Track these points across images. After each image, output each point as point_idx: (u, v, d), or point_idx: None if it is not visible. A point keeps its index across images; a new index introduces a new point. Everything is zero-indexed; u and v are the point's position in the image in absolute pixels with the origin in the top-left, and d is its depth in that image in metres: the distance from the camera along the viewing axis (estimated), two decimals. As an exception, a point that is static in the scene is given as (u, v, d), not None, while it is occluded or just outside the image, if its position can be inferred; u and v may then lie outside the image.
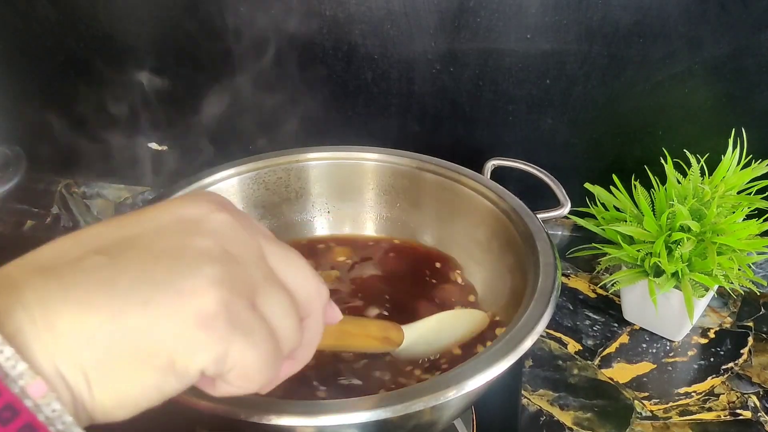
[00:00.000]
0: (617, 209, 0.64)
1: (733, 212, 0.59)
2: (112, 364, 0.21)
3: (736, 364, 0.62)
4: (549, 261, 0.48)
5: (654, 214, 0.60)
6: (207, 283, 0.22)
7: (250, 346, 0.23)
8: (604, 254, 0.63)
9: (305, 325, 0.27)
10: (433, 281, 0.58)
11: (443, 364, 0.48)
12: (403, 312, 0.54)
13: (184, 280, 0.22)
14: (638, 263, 0.60)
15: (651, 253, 0.59)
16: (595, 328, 0.66)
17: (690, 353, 0.63)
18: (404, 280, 0.58)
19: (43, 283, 0.21)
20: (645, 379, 0.60)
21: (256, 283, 0.24)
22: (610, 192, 0.64)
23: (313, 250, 0.63)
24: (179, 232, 0.24)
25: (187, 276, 0.22)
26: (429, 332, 0.47)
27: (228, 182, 0.61)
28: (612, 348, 0.64)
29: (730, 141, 0.61)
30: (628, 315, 0.67)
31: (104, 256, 0.22)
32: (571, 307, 0.69)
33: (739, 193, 0.61)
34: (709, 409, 0.57)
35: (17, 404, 0.19)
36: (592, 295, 0.71)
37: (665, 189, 0.60)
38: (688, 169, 0.62)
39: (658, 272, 0.60)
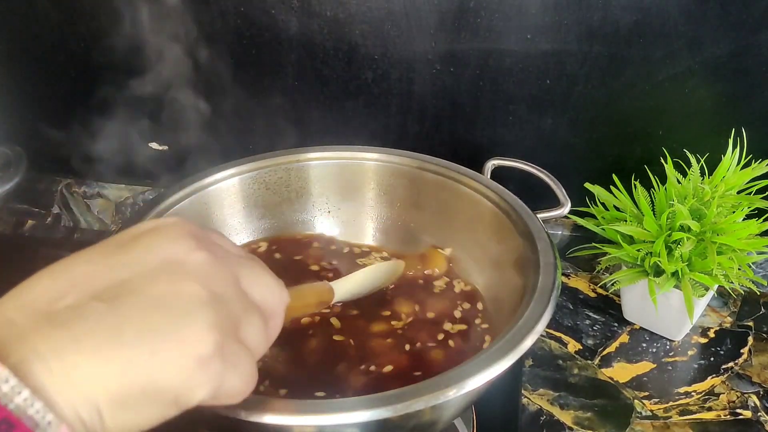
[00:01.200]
0: (617, 209, 0.64)
1: (733, 212, 0.59)
2: (123, 404, 0.24)
3: (736, 364, 0.62)
4: (549, 260, 0.48)
5: (654, 214, 0.60)
6: (204, 329, 0.25)
7: (239, 375, 0.27)
8: (604, 254, 0.63)
9: (269, 325, 0.31)
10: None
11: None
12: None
13: (184, 328, 0.25)
14: (638, 263, 0.60)
15: (651, 252, 0.59)
16: (595, 328, 0.66)
17: (690, 353, 0.63)
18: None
19: (52, 332, 0.23)
20: (645, 378, 0.60)
21: (238, 317, 0.28)
22: (610, 192, 0.64)
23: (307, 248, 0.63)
24: (168, 275, 0.26)
25: (186, 324, 0.25)
26: (355, 286, 0.52)
27: (228, 182, 0.61)
28: (612, 347, 0.64)
29: (730, 141, 0.61)
30: (628, 314, 0.67)
31: (103, 303, 0.24)
32: (571, 307, 0.69)
33: (739, 192, 0.61)
34: (709, 409, 0.57)
35: None
36: (592, 295, 0.71)
37: (665, 189, 0.61)
38: (688, 169, 0.62)
39: (658, 272, 0.60)
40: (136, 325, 0.24)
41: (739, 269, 0.57)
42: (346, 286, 0.51)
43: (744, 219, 0.59)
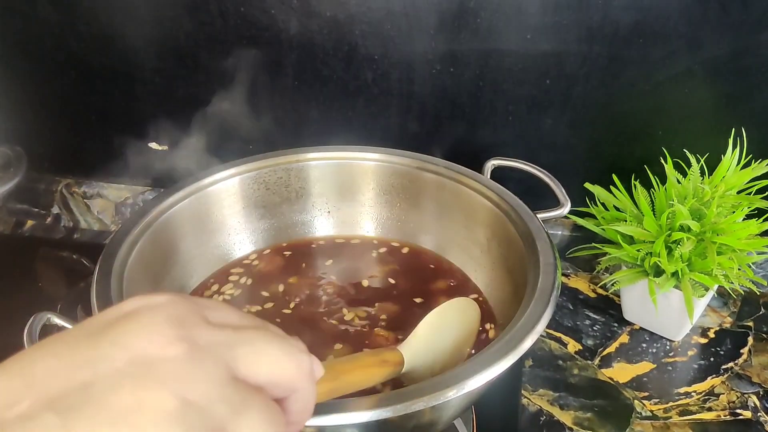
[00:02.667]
0: (617, 209, 0.64)
1: (733, 212, 0.59)
2: None
3: (736, 364, 0.62)
4: (549, 261, 0.48)
5: (654, 214, 0.60)
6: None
7: (245, 423, 0.22)
8: (604, 254, 0.63)
9: (292, 399, 0.26)
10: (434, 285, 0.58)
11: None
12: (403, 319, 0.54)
13: None
14: (638, 263, 0.60)
15: (651, 252, 0.59)
16: (595, 328, 0.66)
17: (690, 353, 0.63)
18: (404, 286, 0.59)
19: None
20: (645, 378, 0.60)
21: (224, 420, 0.23)
22: (610, 192, 0.64)
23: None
24: (132, 381, 0.22)
25: None
26: (428, 339, 0.44)
27: (228, 182, 0.61)
28: (612, 348, 0.64)
29: (730, 141, 0.61)
30: (628, 315, 0.67)
31: (57, 415, 0.21)
32: (571, 307, 0.69)
33: (739, 192, 0.61)
34: (709, 409, 0.57)
35: None
36: (592, 295, 0.71)
37: (665, 189, 0.61)
38: (688, 169, 0.62)
39: (658, 272, 0.60)
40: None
41: (739, 269, 0.57)
42: (417, 342, 0.43)
43: (744, 219, 0.59)
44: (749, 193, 0.60)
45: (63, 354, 0.22)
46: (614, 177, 0.64)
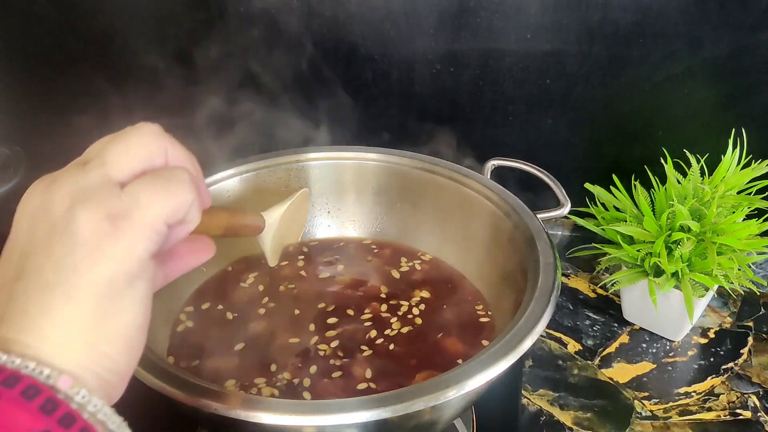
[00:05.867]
0: (617, 209, 0.64)
1: (733, 212, 0.59)
2: (96, 320, 0.25)
3: (736, 364, 0.62)
4: (549, 261, 0.48)
5: (654, 214, 0.60)
6: (87, 220, 0.26)
7: (146, 204, 0.27)
8: (604, 254, 0.63)
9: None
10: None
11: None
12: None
13: (77, 234, 0.25)
14: (638, 263, 0.60)
15: (651, 253, 0.59)
16: (595, 328, 0.66)
17: (690, 353, 0.63)
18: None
19: (9, 324, 0.25)
20: (645, 378, 0.60)
21: (101, 179, 0.27)
22: (610, 192, 0.64)
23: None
24: (40, 220, 0.27)
25: (75, 230, 0.25)
26: (285, 216, 0.48)
27: (228, 182, 0.61)
28: (612, 348, 0.64)
29: (730, 141, 0.61)
30: (628, 315, 0.67)
31: (20, 281, 0.26)
32: (571, 307, 0.69)
33: (739, 193, 0.61)
34: (709, 409, 0.57)
35: (54, 398, 0.23)
36: (592, 295, 0.71)
37: (665, 189, 0.60)
38: (688, 169, 0.62)
39: (658, 272, 0.60)
40: (49, 267, 0.25)
41: (739, 269, 0.57)
42: (276, 215, 0.47)
43: (744, 219, 0.58)
44: (749, 194, 0.60)
45: (3, 257, 0.28)
46: (614, 177, 0.64)
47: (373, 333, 0.52)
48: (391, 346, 0.50)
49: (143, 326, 0.27)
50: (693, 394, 0.58)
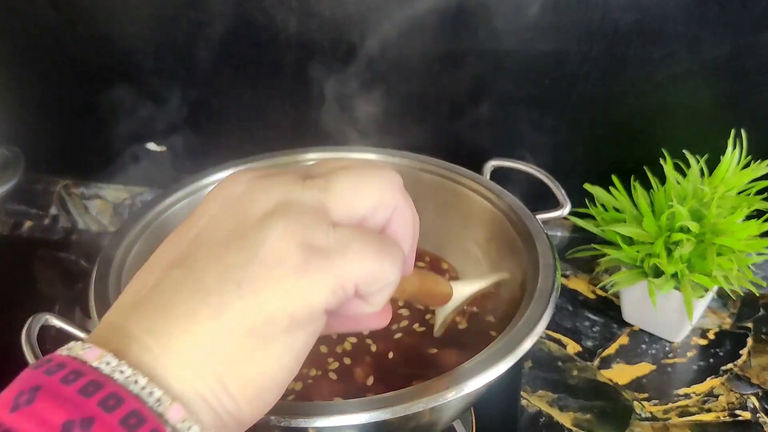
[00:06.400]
0: (617, 210, 0.64)
1: (733, 213, 0.58)
2: (237, 354, 0.21)
3: (735, 365, 0.62)
4: (548, 262, 0.48)
5: (653, 215, 0.60)
6: (280, 240, 0.22)
7: (352, 258, 0.23)
8: (604, 255, 0.63)
9: (394, 219, 0.28)
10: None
11: None
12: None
13: (260, 249, 0.22)
14: (638, 264, 0.60)
15: (650, 254, 0.59)
16: (594, 329, 0.66)
17: (689, 354, 0.63)
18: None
19: (141, 314, 0.22)
20: (644, 380, 0.60)
21: (317, 204, 0.24)
22: (610, 193, 0.64)
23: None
24: (230, 212, 0.24)
25: (261, 243, 0.22)
26: (467, 294, 0.44)
27: (227, 182, 0.61)
28: (611, 349, 0.64)
29: (730, 141, 0.61)
30: (627, 316, 0.66)
31: (179, 268, 0.22)
32: (570, 308, 0.69)
33: (738, 193, 0.60)
34: (709, 410, 0.57)
35: (160, 429, 0.19)
36: (592, 296, 0.71)
37: (665, 189, 0.60)
38: (688, 170, 0.62)
39: (658, 273, 0.59)
40: (213, 271, 0.22)
41: (738, 270, 0.57)
42: (464, 290, 0.43)
43: (744, 220, 0.58)
44: (749, 194, 0.60)
45: (171, 240, 0.25)
46: (614, 177, 0.64)
47: (370, 341, 0.51)
48: (390, 353, 0.50)
49: (284, 383, 0.23)
50: (692, 395, 0.58)
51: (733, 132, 0.61)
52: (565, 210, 0.57)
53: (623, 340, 0.65)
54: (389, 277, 0.25)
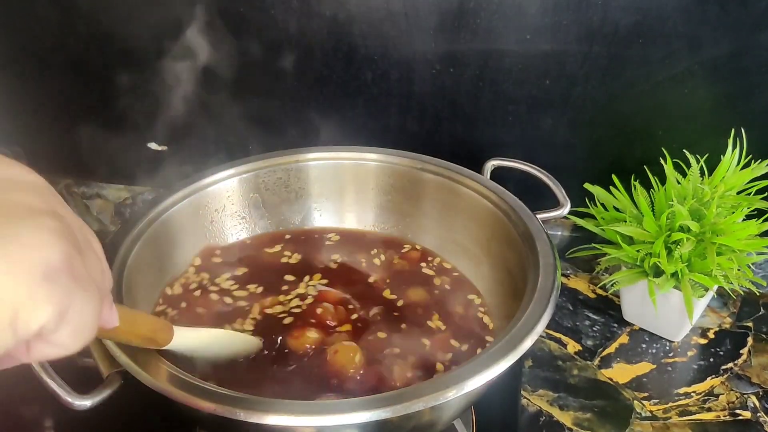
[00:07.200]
0: (617, 209, 0.64)
1: (733, 212, 0.59)
2: None
3: (735, 365, 0.62)
4: (549, 261, 0.48)
5: (653, 215, 0.60)
6: (50, 236, 0.22)
7: (87, 301, 0.23)
8: (604, 254, 0.63)
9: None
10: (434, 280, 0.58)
11: None
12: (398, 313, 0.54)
13: (27, 233, 0.22)
14: (638, 263, 0.60)
15: (650, 253, 0.59)
16: (594, 329, 0.66)
17: (689, 353, 0.63)
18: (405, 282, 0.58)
19: None
20: (645, 379, 0.60)
21: (81, 241, 0.24)
22: (610, 192, 0.64)
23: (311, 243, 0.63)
24: (4, 189, 0.23)
25: (29, 229, 0.22)
26: (199, 341, 0.46)
27: (228, 182, 0.61)
28: (612, 348, 0.64)
29: (730, 141, 0.61)
30: (627, 315, 0.67)
31: None
32: (570, 308, 0.69)
33: (738, 193, 0.61)
34: (709, 410, 0.57)
35: None
36: (592, 296, 0.71)
37: (665, 189, 0.60)
38: (688, 170, 0.62)
39: (658, 272, 0.60)
40: None
41: (738, 270, 0.57)
42: (189, 336, 0.45)
43: (743, 219, 0.58)
44: (749, 194, 0.60)
45: None
46: (614, 177, 0.64)
47: (371, 336, 0.51)
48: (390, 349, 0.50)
49: None
50: (693, 394, 0.58)
51: (733, 132, 0.61)
52: (566, 209, 0.57)
53: (623, 339, 0.65)
54: (82, 340, 0.24)
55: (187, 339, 0.44)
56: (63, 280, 0.22)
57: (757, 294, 0.69)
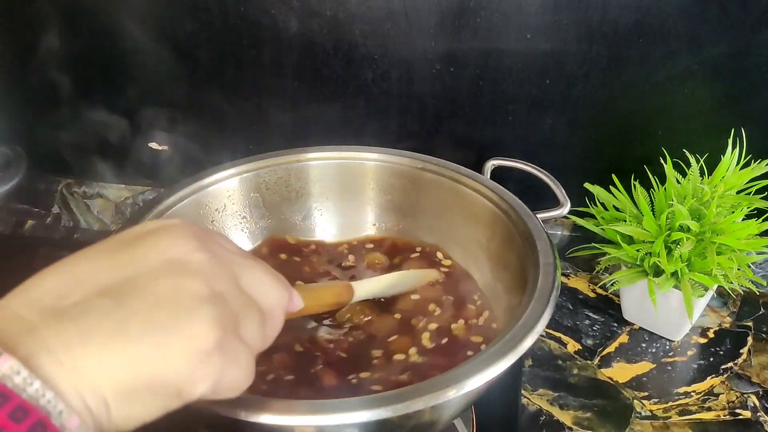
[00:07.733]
0: (617, 209, 0.64)
1: (733, 212, 0.59)
2: (129, 396, 0.25)
3: (735, 364, 0.62)
4: (548, 261, 0.48)
5: (653, 214, 0.60)
6: (206, 325, 0.26)
7: (237, 368, 0.28)
8: (604, 254, 0.63)
9: (268, 324, 0.32)
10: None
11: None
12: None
13: (187, 323, 0.26)
14: (638, 263, 0.60)
15: (650, 252, 0.59)
16: (594, 328, 0.66)
17: (689, 353, 0.63)
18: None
19: (60, 327, 0.24)
20: (644, 378, 0.60)
21: (237, 314, 0.29)
22: (610, 192, 0.64)
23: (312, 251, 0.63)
24: (171, 274, 0.27)
25: (189, 320, 0.26)
26: (378, 287, 0.52)
27: (228, 182, 0.61)
28: (611, 348, 0.64)
29: (730, 141, 0.61)
30: (627, 315, 0.67)
31: (109, 299, 0.25)
32: (570, 307, 0.69)
33: (738, 192, 0.61)
34: (709, 409, 0.57)
35: None
36: (592, 295, 0.71)
37: (665, 189, 0.61)
38: (688, 169, 0.62)
39: (658, 272, 0.60)
40: (141, 321, 0.25)
41: (738, 269, 0.57)
42: (367, 287, 0.51)
43: (743, 219, 0.59)
44: (749, 193, 0.61)
45: (104, 259, 0.27)
46: (614, 177, 0.64)
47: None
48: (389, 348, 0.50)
49: (140, 421, 0.26)
50: (692, 393, 0.59)
51: (733, 132, 0.61)
52: (566, 209, 0.57)
53: (623, 338, 0.65)
54: (240, 391, 0.30)
55: (366, 291, 0.51)
56: (215, 359, 0.27)
57: (757, 293, 0.69)
